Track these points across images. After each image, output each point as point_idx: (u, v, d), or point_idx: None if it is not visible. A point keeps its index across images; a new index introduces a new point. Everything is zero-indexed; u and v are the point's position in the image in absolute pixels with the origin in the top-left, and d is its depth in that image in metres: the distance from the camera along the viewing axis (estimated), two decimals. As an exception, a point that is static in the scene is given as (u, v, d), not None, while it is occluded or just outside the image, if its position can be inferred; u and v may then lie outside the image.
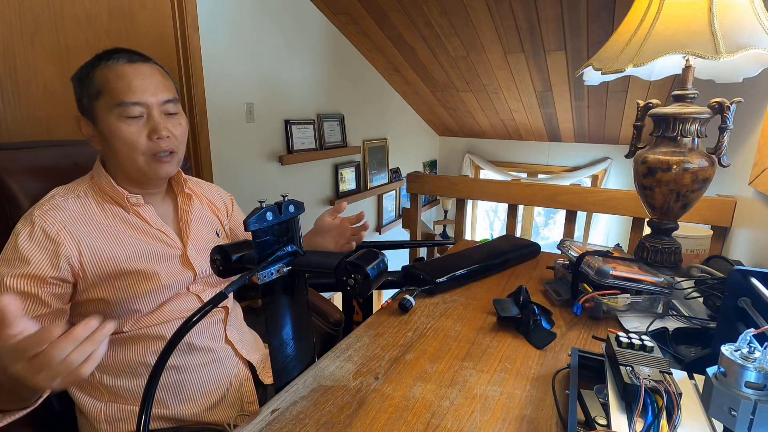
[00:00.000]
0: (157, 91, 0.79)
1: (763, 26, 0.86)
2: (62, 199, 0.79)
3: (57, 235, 0.74)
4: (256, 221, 0.62)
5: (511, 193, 1.96)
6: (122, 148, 0.79)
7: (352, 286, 0.63)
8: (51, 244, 0.74)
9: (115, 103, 0.76)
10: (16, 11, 1.28)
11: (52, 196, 0.80)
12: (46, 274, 0.72)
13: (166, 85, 0.82)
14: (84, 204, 0.80)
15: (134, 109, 0.77)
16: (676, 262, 1.07)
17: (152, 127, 0.79)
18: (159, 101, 0.80)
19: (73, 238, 0.75)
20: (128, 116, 0.77)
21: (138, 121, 0.78)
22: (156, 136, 0.79)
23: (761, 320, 0.59)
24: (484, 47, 2.56)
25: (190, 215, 0.92)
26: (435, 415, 0.61)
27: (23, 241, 0.73)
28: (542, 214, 5.45)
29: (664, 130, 1.01)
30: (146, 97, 0.78)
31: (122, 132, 0.77)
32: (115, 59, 0.78)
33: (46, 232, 0.74)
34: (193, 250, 0.88)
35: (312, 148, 2.58)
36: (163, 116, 0.81)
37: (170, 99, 0.82)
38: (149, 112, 0.79)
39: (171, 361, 0.82)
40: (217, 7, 1.89)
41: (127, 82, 0.77)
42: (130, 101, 0.77)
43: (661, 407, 0.51)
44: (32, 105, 1.34)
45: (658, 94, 2.74)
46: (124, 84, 0.77)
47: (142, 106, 0.78)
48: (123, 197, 0.82)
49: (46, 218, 0.75)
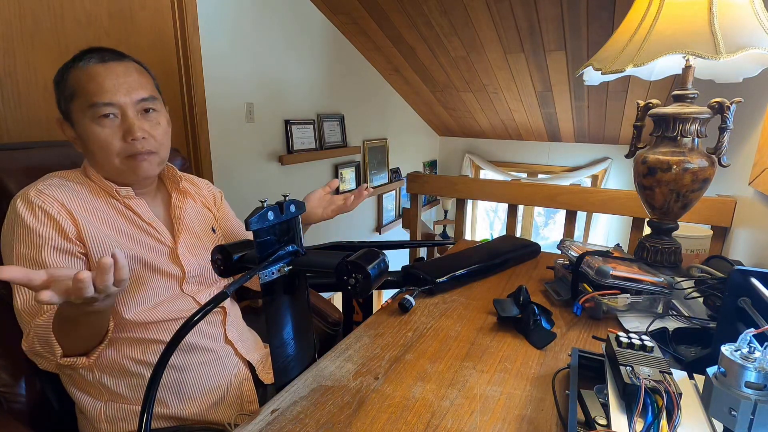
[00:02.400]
0: (131, 90, 0.77)
1: (763, 26, 0.86)
2: (57, 180, 0.78)
3: (58, 214, 0.74)
4: (257, 221, 0.62)
5: (511, 193, 1.96)
6: (97, 151, 0.78)
7: (352, 285, 0.63)
8: (53, 222, 0.74)
9: (88, 104, 0.75)
10: (16, 11, 1.28)
11: (47, 178, 0.79)
12: (64, 247, 0.74)
13: (142, 82, 0.80)
14: (78, 188, 0.80)
15: (106, 109, 0.76)
16: (676, 262, 1.07)
17: (126, 128, 0.77)
18: (133, 100, 0.78)
19: (72, 217, 0.75)
20: (101, 117, 0.76)
21: (112, 122, 0.77)
22: (131, 137, 0.77)
23: (761, 320, 0.59)
24: (484, 47, 2.56)
25: (183, 212, 0.91)
26: (435, 415, 0.61)
27: (30, 221, 0.73)
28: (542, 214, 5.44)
29: (664, 130, 1.01)
30: (118, 97, 0.76)
31: (96, 134, 0.76)
32: (86, 59, 0.77)
33: (46, 210, 0.74)
34: (184, 248, 0.88)
35: (312, 148, 2.58)
36: (140, 116, 0.79)
37: (146, 97, 0.79)
38: (123, 112, 0.77)
39: (171, 361, 0.82)
40: (217, 8, 1.89)
41: (98, 82, 0.75)
42: (101, 102, 0.75)
43: (661, 407, 0.51)
44: (32, 105, 1.34)
45: (658, 94, 2.74)
46: (96, 85, 0.75)
47: (114, 107, 0.76)
48: (113, 189, 0.81)
49: (44, 198, 0.74)
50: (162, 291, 0.84)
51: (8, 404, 0.81)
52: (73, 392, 0.82)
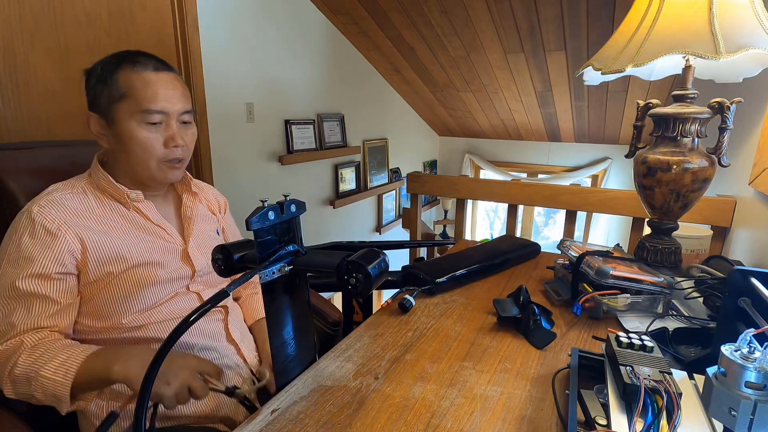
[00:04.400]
0: (178, 102, 0.83)
1: (763, 26, 0.86)
2: (60, 195, 0.80)
3: (58, 230, 0.75)
4: (258, 220, 0.62)
5: (511, 193, 1.96)
6: (138, 152, 0.81)
7: (353, 285, 0.63)
8: (53, 240, 0.75)
9: (140, 109, 0.79)
10: (16, 11, 1.28)
11: (50, 192, 0.80)
12: (51, 270, 0.74)
13: (186, 95, 0.85)
14: (83, 199, 0.81)
15: (156, 116, 0.80)
16: (676, 262, 1.07)
17: (170, 135, 0.82)
18: (178, 111, 0.83)
19: (74, 232, 0.77)
20: (149, 123, 0.80)
21: (157, 127, 0.81)
22: (173, 144, 0.82)
23: (761, 320, 0.59)
24: (484, 47, 2.56)
25: (194, 212, 0.93)
26: (435, 415, 0.61)
27: (26, 240, 0.74)
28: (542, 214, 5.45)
29: (664, 130, 1.01)
30: (168, 107, 0.81)
31: (141, 137, 0.80)
32: (142, 65, 0.80)
33: (47, 228, 0.75)
34: (194, 247, 0.90)
35: (312, 148, 2.58)
36: (180, 125, 0.84)
37: (188, 110, 0.85)
38: (168, 121, 0.82)
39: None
40: (217, 8, 1.89)
41: (154, 90, 0.79)
42: (155, 109, 0.79)
43: (661, 407, 0.51)
44: (32, 105, 1.34)
45: (658, 94, 2.74)
46: (151, 92, 0.79)
47: (163, 114, 0.81)
48: (123, 193, 0.83)
49: (45, 214, 0.76)
50: (168, 291, 0.85)
51: (9, 404, 0.81)
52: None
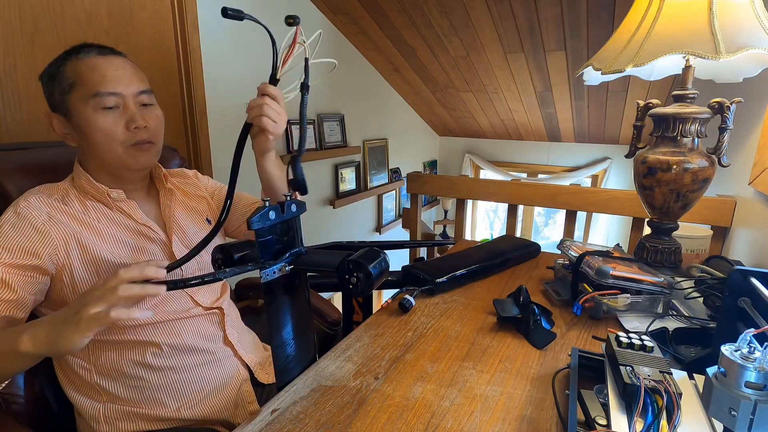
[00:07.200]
0: (131, 83, 0.80)
1: (763, 26, 0.86)
2: (47, 195, 0.79)
3: (43, 226, 0.74)
4: (258, 220, 0.62)
5: (511, 193, 1.96)
6: (100, 140, 0.78)
7: (354, 284, 0.63)
8: (37, 235, 0.73)
9: (91, 93, 0.76)
10: (16, 11, 1.27)
11: (39, 190, 0.80)
12: (25, 261, 0.71)
13: (140, 76, 0.82)
14: (67, 201, 0.80)
15: (110, 99, 0.77)
16: (676, 262, 1.07)
17: (129, 117, 0.79)
18: (133, 92, 0.80)
19: (60, 231, 0.75)
20: (104, 107, 0.77)
21: (114, 111, 0.78)
22: (134, 126, 0.79)
23: (761, 320, 0.59)
24: (484, 47, 2.56)
25: (173, 210, 0.91)
26: (435, 415, 0.61)
27: (8, 230, 0.73)
28: (542, 214, 5.44)
29: (664, 130, 1.01)
30: (121, 88, 0.78)
31: (99, 123, 0.77)
32: (85, 52, 0.78)
33: (33, 223, 0.74)
34: (179, 244, 0.88)
35: (312, 148, 2.58)
36: (139, 107, 0.81)
37: (144, 90, 0.82)
38: (125, 103, 0.79)
39: (168, 362, 0.82)
40: (217, 8, 1.89)
41: (101, 72, 0.77)
42: (105, 91, 0.77)
43: (661, 407, 0.51)
44: (32, 105, 1.33)
45: (658, 94, 2.74)
46: (99, 74, 0.77)
47: (117, 97, 0.78)
48: (104, 193, 0.81)
49: (32, 210, 0.75)
50: None
51: (7, 405, 0.81)
52: (71, 394, 0.82)
